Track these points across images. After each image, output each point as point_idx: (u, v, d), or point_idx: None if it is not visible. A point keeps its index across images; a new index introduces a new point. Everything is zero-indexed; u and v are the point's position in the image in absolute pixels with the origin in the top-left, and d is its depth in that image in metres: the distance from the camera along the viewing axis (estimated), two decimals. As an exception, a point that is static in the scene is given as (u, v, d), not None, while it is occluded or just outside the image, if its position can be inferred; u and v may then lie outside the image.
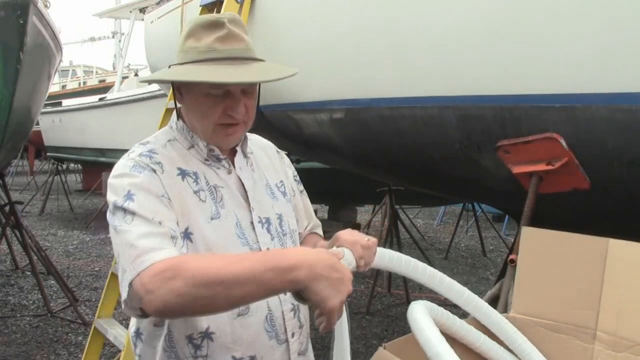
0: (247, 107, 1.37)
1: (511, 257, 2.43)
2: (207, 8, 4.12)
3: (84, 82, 21.11)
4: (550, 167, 2.31)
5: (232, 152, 1.46)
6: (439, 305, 1.50)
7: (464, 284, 1.57)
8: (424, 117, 2.83)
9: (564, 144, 2.25)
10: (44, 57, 5.39)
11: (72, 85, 21.51)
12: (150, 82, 1.67)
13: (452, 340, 1.48)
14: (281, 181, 1.56)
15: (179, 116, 1.44)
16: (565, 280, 1.68)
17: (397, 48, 2.84)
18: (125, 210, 1.22)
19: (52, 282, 6.00)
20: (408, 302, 5.52)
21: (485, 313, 1.60)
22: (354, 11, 3.08)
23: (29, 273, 6.40)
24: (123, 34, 17.89)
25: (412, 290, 5.70)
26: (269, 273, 1.08)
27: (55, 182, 12.19)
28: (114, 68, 20.63)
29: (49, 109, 12.66)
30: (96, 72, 22.10)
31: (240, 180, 1.43)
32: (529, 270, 1.76)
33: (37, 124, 11.01)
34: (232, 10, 3.68)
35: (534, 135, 2.33)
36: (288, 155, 5.95)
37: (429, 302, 1.45)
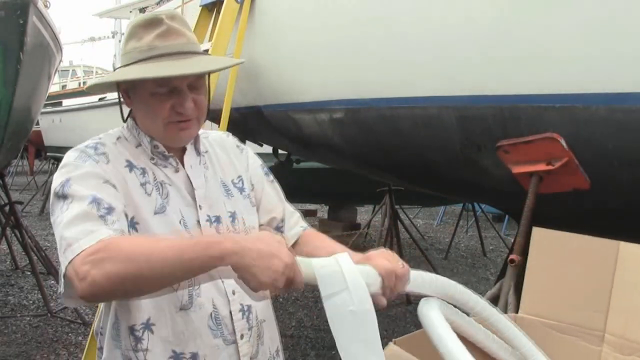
0: (197, 102, 1.35)
1: (511, 257, 2.43)
2: (207, 8, 4.12)
3: (84, 82, 21.09)
4: (550, 167, 2.31)
5: (182, 150, 1.44)
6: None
7: (464, 283, 1.55)
8: (424, 117, 2.83)
9: (564, 144, 2.25)
10: (44, 57, 5.39)
11: (72, 85, 21.51)
12: (96, 90, 1.63)
13: (462, 338, 1.47)
14: (239, 176, 1.52)
15: (130, 116, 1.43)
16: (575, 282, 1.67)
17: (397, 48, 2.85)
18: (59, 197, 1.24)
19: (52, 282, 5.99)
20: (408, 302, 5.53)
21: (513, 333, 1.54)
22: (354, 11, 3.08)
23: (29, 273, 6.39)
24: (123, 34, 17.86)
25: (412, 290, 5.67)
26: (196, 246, 1.11)
27: (55, 182, 12.17)
28: (113, 68, 20.61)
29: (49, 109, 12.66)
30: (96, 72, 22.08)
31: (189, 179, 1.41)
32: (539, 271, 1.75)
33: (37, 124, 11.01)
34: (232, 11, 3.68)
35: (534, 135, 2.33)
36: (288, 155, 5.92)
37: (440, 300, 1.43)
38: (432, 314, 1.32)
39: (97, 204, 1.21)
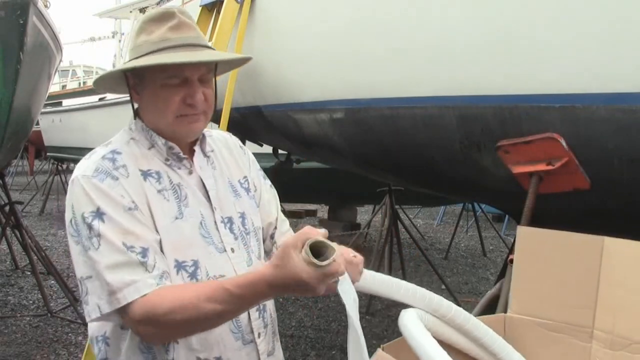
0: (206, 95, 1.34)
1: (511, 257, 2.42)
2: (207, 8, 4.12)
3: (84, 82, 21.09)
4: (550, 167, 2.31)
5: (191, 152, 1.43)
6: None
7: (464, 284, 1.56)
8: (424, 117, 2.83)
9: (564, 144, 2.25)
10: (44, 57, 5.39)
11: (72, 85, 21.51)
12: (101, 86, 1.56)
13: (446, 346, 1.48)
14: (245, 177, 1.53)
15: (137, 116, 1.41)
16: (562, 279, 1.68)
17: (397, 48, 2.84)
18: (92, 229, 1.22)
19: (52, 282, 6.00)
20: (408, 302, 5.52)
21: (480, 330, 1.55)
22: (354, 11, 3.08)
23: (29, 273, 6.39)
24: (123, 34, 17.89)
25: (412, 290, 5.67)
26: (241, 298, 1.17)
27: (55, 182, 12.18)
28: (114, 68, 20.58)
29: (49, 109, 12.65)
30: (96, 72, 22.07)
31: (202, 181, 1.41)
32: (526, 269, 1.76)
33: (37, 124, 11.00)
34: (232, 11, 3.68)
35: (534, 135, 2.33)
36: (288, 155, 5.92)
37: (419, 310, 1.44)
38: (410, 324, 1.33)
39: (131, 249, 1.23)
